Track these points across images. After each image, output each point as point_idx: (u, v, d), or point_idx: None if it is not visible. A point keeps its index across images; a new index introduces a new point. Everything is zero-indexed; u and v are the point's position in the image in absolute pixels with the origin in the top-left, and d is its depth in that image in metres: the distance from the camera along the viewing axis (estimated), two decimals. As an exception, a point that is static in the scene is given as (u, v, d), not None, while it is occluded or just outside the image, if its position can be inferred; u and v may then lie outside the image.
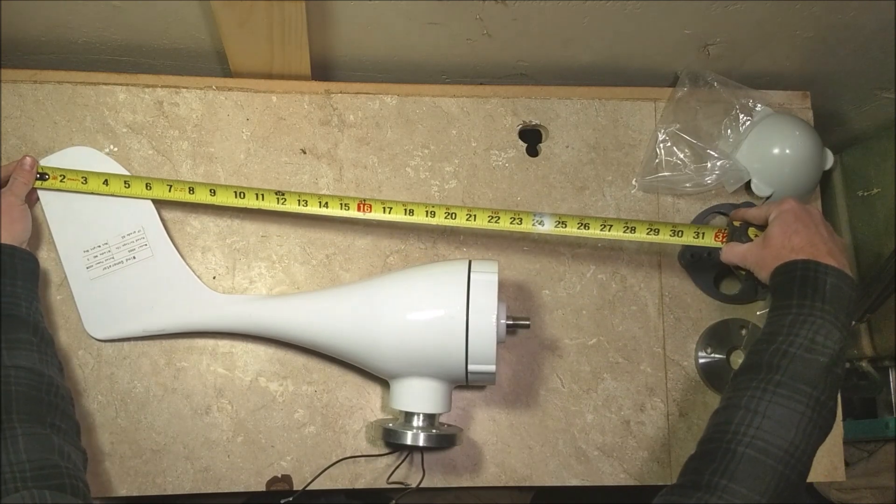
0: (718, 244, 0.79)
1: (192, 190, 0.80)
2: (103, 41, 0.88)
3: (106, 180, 0.79)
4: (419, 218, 0.80)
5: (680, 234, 0.80)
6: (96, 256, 0.80)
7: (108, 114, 0.85)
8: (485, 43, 0.88)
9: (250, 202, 0.80)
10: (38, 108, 0.85)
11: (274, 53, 0.84)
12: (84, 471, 0.65)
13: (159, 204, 0.83)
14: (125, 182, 0.79)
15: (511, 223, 0.79)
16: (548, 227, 0.79)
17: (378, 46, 0.90)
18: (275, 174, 0.86)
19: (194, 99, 0.87)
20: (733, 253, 0.75)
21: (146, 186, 0.80)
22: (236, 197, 0.80)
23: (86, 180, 0.79)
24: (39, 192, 0.81)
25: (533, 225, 0.79)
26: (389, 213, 0.80)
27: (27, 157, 0.78)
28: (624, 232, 0.80)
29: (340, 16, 0.83)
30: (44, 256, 0.81)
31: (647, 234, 0.79)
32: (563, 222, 0.80)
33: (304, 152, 0.87)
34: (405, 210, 0.80)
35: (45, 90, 0.85)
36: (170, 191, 0.80)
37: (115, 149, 0.85)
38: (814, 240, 0.67)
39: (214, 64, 0.93)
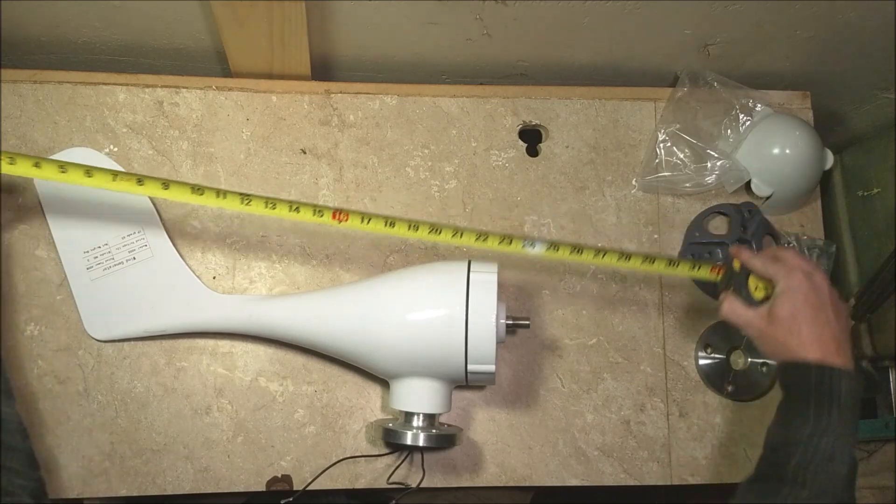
0: (715, 277, 0.76)
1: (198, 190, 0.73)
2: (103, 41, 0.88)
3: (115, 175, 0.71)
4: (400, 231, 0.74)
5: (675, 265, 0.76)
6: (96, 257, 0.80)
7: (108, 114, 0.85)
8: (485, 43, 0.88)
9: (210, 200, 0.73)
10: (38, 108, 0.85)
11: (274, 53, 0.84)
12: (41, 496, 0.63)
13: (159, 204, 0.83)
14: (138, 179, 0.71)
15: (500, 244, 0.75)
16: (538, 250, 0.75)
17: (378, 46, 0.90)
18: (275, 174, 0.86)
19: (194, 99, 0.87)
20: (736, 314, 0.71)
21: (163, 186, 0.71)
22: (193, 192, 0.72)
23: (89, 173, 0.70)
24: (39, 192, 0.81)
25: (523, 247, 0.75)
26: (368, 223, 0.74)
27: None
28: (618, 260, 0.76)
29: (340, 16, 0.83)
30: (44, 256, 0.81)
31: (643, 263, 0.76)
32: (555, 246, 0.75)
33: (304, 152, 0.87)
34: (385, 222, 0.74)
35: (45, 90, 0.85)
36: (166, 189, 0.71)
37: (115, 149, 0.85)
38: (823, 334, 0.65)
39: (214, 64, 0.93)
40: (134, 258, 0.80)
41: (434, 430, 0.75)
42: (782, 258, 0.69)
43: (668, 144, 0.89)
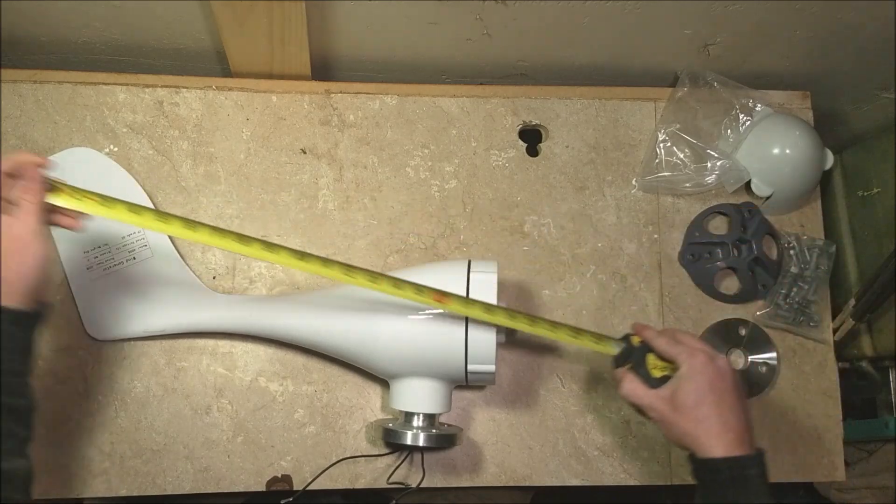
0: (613, 352, 0.73)
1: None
2: (103, 41, 0.88)
3: (135, 210, 0.66)
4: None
5: (577, 335, 0.72)
6: (96, 257, 0.80)
7: (108, 114, 0.85)
8: (485, 43, 0.88)
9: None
10: (38, 108, 0.85)
11: (274, 53, 0.84)
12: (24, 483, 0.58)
13: (159, 204, 0.83)
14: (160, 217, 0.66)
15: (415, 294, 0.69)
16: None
17: (378, 46, 0.90)
18: (275, 174, 0.86)
19: (194, 99, 0.87)
20: (637, 395, 0.69)
21: (188, 226, 0.67)
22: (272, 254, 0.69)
23: (106, 202, 0.66)
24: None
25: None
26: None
27: (29, 159, 0.61)
28: (529, 326, 0.71)
29: (340, 16, 0.83)
30: (44, 256, 0.81)
31: (547, 329, 0.72)
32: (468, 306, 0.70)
33: (304, 152, 0.87)
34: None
35: (45, 90, 0.85)
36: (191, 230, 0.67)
37: (115, 149, 0.85)
38: (729, 422, 0.65)
39: (214, 64, 0.93)
40: (134, 258, 0.80)
41: (434, 430, 0.75)
42: (683, 340, 0.69)
43: (668, 144, 0.89)
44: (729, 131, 0.90)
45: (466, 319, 0.71)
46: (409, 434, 0.74)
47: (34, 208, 0.61)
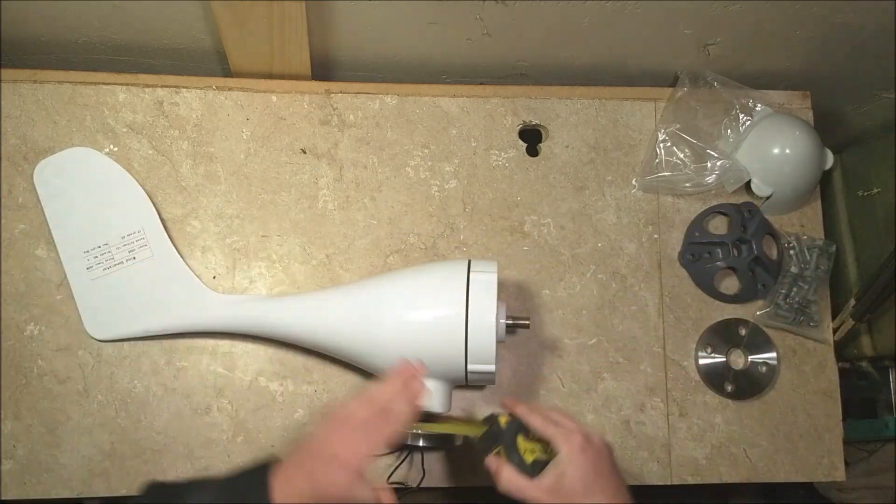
0: (475, 433, 0.70)
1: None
2: (103, 41, 0.88)
3: None
4: None
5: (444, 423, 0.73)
6: (96, 257, 0.80)
7: (108, 114, 0.85)
8: (485, 43, 0.88)
9: None
10: (38, 108, 0.85)
11: (274, 53, 0.84)
12: None
13: (159, 204, 0.83)
14: None
15: None
16: None
17: (378, 46, 0.90)
18: (275, 174, 0.86)
19: (194, 99, 0.87)
20: (518, 488, 0.64)
21: None
22: None
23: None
24: (39, 192, 0.81)
25: None
26: None
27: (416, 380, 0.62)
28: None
29: (340, 16, 0.83)
30: (44, 256, 0.81)
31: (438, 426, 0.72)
32: None
33: (304, 152, 0.87)
34: None
35: (45, 90, 0.85)
36: None
37: (115, 149, 0.85)
38: (619, 499, 0.63)
39: (214, 64, 0.93)
40: (134, 258, 0.80)
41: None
42: (558, 420, 0.66)
43: (668, 144, 0.89)
44: (729, 131, 0.90)
45: (466, 319, 0.71)
46: (409, 434, 0.74)
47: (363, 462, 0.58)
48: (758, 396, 0.87)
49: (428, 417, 0.74)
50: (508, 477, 0.65)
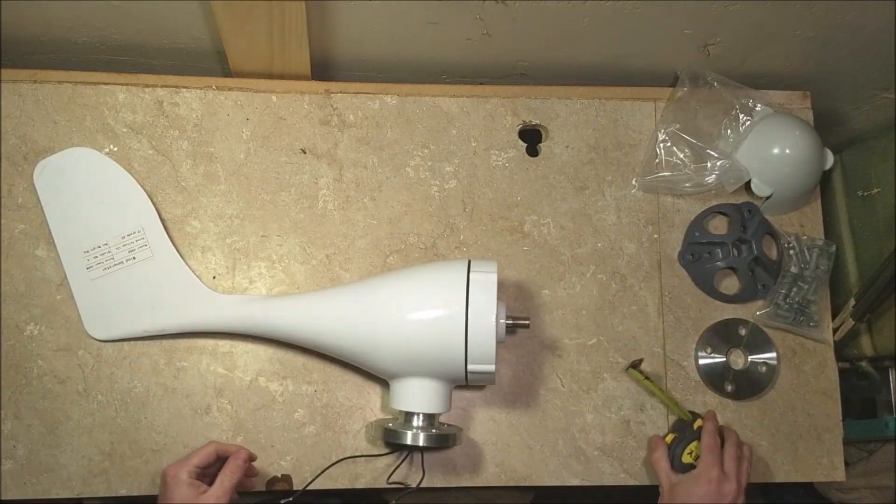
0: (685, 416, 0.82)
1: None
2: (103, 41, 0.88)
3: None
4: None
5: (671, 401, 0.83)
6: (96, 257, 0.80)
7: (108, 114, 0.85)
8: (485, 43, 0.88)
9: None
10: (38, 108, 0.85)
11: (274, 53, 0.84)
12: None
13: (159, 204, 0.83)
14: None
15: None
16: None
17: (378, 46, 0.90)
18: (275, 174, 0.86)
19: (194, 99, 0.87)
20: (658, 466, 0.80)
21: None
22: None
23: None
24: (39, 192, 0.81)
25: None
26: None
27: (242, 452, 0.73)
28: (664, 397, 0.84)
29: (340, 16, 0.83)
30: (44, 256, 0.81)
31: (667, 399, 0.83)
32: None
33: (304, 152, 0.87)
34: None
35: (45, 90, 0.85)
36: None
37: (115, 149, 0.85)
38: None
39: (214, 64, 0.93)
40: (134, 258, 0.80)
41: (434, 430, 0.75)
42: (724, 452, 0.78)
43: (668, 144, 0.89)
44: (729, 131, 0.90)
45: (466, 319, 0.71)
46: (409, 434, 0.74)
47: (228, 487, 0.70)
48: (758, 396, 0.87)
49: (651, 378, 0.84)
50: (659, 457, 0.80)
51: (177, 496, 0.68)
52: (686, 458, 0.79)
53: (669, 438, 0.81)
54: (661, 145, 0.89)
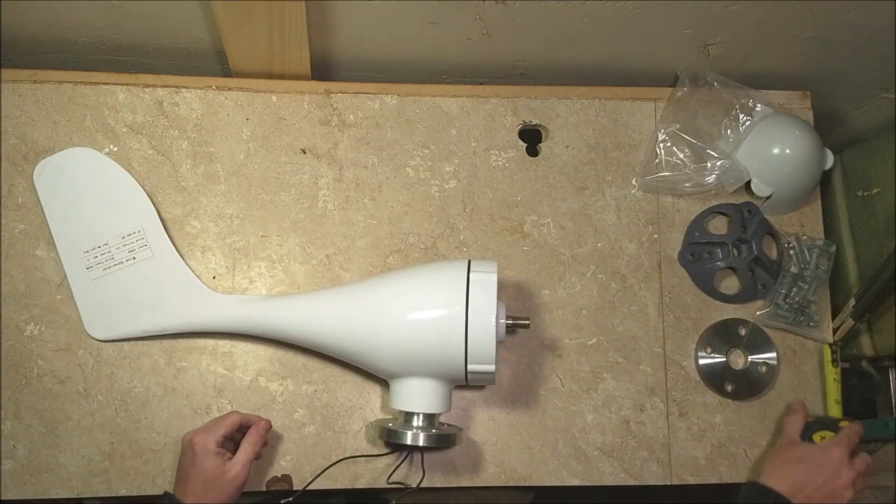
0: (837, 414, 0.85)
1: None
2: (103, 41, 0.88)
3: None
4: None
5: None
6: (96, 257, 0.80)
7: (108, 114, 0.85)
8: (485, 43, 0.88)
9: None
10: (38, 107, 0.85)
11: (274, 53, 0.84)
12: None
13: (159, 204, 0.83)
14: None
15: None
16: None
17: (378, 46, 0.90)
18: (275, 174, 0.86)
19: (194, 99, 0.87)
20: (791, 420, 0.81)
21: None
22: None
23: None
24: (39, 192, 0.81)
25: None
26: None
27: (263, 422, 0.77)
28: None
29: (340, 16, 0.83)
30: (44, 256, 0.81)
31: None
32: None
33: (304, 152, 0.87)
34: None
35: (45, 90, 0.85)
36: None
37: (115, 149, 0.85)
38: (798, 489, 0.73)
39: (214, 64, 0.93)
40: (134, 258, 0.80)
41: (434, 430, 0.75)
42: (855, 458, 0.76)
43: (668, 144, 0.89)
44: (729, 131, 0.90)
45: (466, 319, 0.71)
46: (409, 434, 0.74)
47: (252, 456, 0.74)
48: (758, 396, 0.87)
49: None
50: (796, 417, 0.81)
51: (207, 464, 0.71)
52: (815, 438, 0.79)
53: (811, 420, 0.81)
54: (661, 145, 0.89)
